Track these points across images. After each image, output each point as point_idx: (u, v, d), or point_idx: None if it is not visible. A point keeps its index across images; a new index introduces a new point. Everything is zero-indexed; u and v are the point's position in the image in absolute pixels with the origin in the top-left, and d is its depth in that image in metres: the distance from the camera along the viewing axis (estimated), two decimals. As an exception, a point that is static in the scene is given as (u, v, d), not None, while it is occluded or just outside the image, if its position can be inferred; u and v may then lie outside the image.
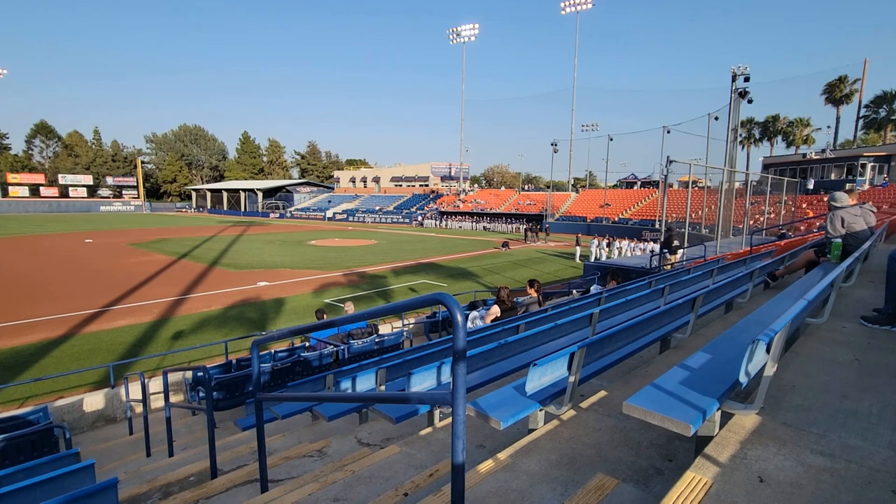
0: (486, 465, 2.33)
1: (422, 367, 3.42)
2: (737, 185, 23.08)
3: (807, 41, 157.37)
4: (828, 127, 49.44)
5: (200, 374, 6.37)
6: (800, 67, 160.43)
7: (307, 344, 8.73)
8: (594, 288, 9.17)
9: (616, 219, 43.65)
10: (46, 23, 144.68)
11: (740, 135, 37.20)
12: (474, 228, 51.41)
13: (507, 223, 49.74)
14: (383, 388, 3.97)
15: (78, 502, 2.15)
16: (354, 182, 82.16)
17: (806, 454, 1.92)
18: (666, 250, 13.01)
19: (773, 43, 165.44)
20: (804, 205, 31.57)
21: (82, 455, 3.35)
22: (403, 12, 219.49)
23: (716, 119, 27.05)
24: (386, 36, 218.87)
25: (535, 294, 7.78)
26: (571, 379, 2.69)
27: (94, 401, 7.75)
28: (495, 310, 7.35)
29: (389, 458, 2.94)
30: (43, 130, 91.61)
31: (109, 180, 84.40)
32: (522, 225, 44.42)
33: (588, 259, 24.26)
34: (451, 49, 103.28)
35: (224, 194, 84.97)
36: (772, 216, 24.41)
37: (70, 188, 78.95)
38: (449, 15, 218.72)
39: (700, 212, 24.72)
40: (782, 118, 54.06)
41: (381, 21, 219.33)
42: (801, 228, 21.33)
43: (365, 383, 4.05)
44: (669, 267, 12.45)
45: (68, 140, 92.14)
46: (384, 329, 10.20)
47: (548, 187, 55.96)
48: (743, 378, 1.98)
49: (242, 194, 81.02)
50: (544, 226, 41.87)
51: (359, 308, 11.52)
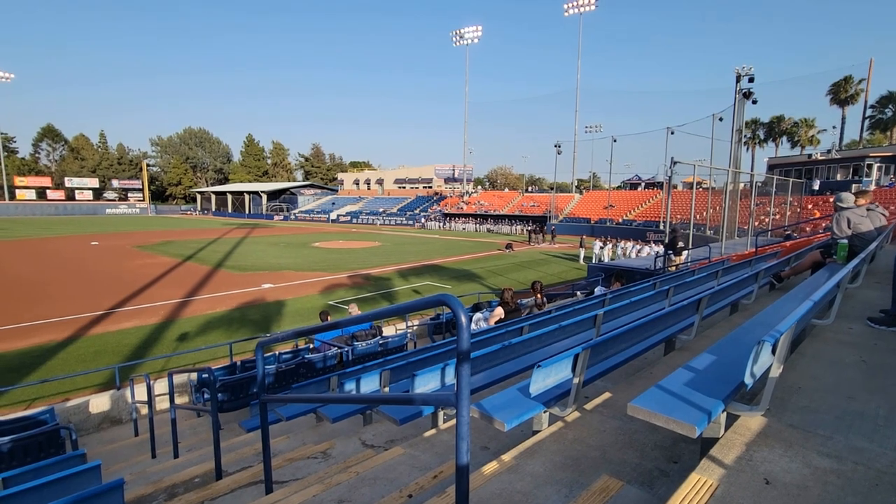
0: (491, 467, 2.33)
1: (426, 369, 3.43)
2: (742, 186, 22.97)
3: (811, 41, 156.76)
4: (833, 127, 49.22)
5: (205, 376, 6.41)
6: (804, 68, 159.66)
7: (311, 346, 8.75)
8: (598, 289, 9.14)
9: (620, 220, 43.52)
10: (53, 26, 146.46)
11: (745, 135, 37.05)
12: (478, 230, 51.38)
13: (511, 225, 49.67)
14: (387, 390, 3.97)
15: (85, 503, 2.17)
16: (358, 184, 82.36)
17: (812, 456, 1.91)
18: (671, 252, 12.97)
19: (778, 43, 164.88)
20: (810, 205, 31.38)
21: (88, 456, 3.37)
22: (406, 15, 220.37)
23: (720, 120, 26.92)
24: (389, 38, 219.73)
25: (539, 296, 7.78)
26: (576, 380, 2.68)
27: (100, 402, 7.80)
28: (499, 311, 7.36)
29: (394, 460, 2.94)
30: (49, 134, 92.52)
31: (115, 183, 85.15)
32: (527, 227, 44.35)
33: (591, 260, 24.20)
34: (455, 51, 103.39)
35: (228, 197, 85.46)
36: (777, 217, 24.26)
37: (76, 191, 79.66)
38: (452, 17, 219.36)
39: (705, 213, 24.64)
40: (787, 119, 53.83)
41: (384, 23, 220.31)
42: (807, 229, 21.20)
43: (369, 385, 4.06)
44: (674, 268, 12.41)
45: (74, 143, 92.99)
46: (388, 331, 10.20)
47: (551, 189, 55.81)
48: (748, 379, 1.97)
49: (247, 197, 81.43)
50: (550, 227, 41.73)
51: (363, 310, 11.54)
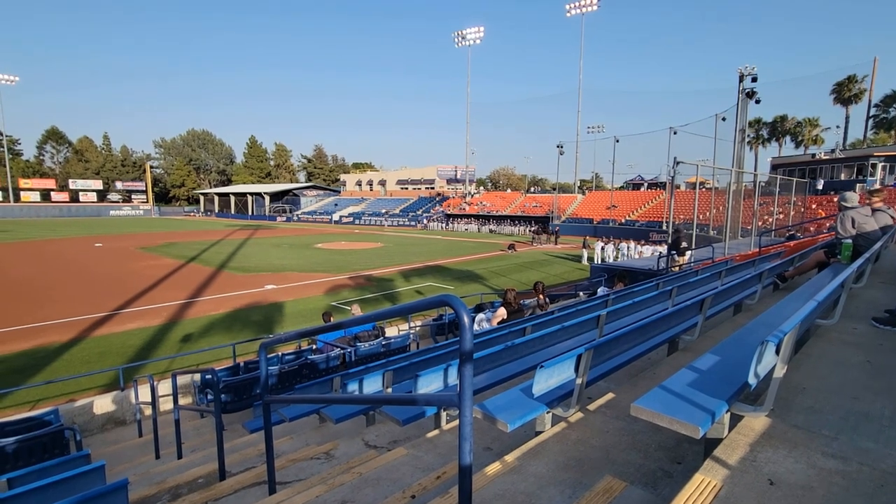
0: (494, 468, 2.33)
1: (428, 370, 3.43)
2: (745, 186, 22.88)
3: (815, 40, 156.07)
4: (837, 127, 49.00)
5: (209, 377, 6.42)
6: (808, 67, 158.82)
7: (314, 346, 8.76)
8: (601, 290, 9.12)
9: (623, 220, 43.42)
10: (57, 28, 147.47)
11: (748, 135, 36.92)
12: (480, 231, 51.37)
13: (514, 225, 49.64)
14: (390, 391, 3.97)
15: (89, 503, 2.17)
16: (360, 185, 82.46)
17: (817, 457, 1.90)
18: (674, 252, 12.94)
19: (781, 43, 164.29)
20: (814, 205, 31.25)
21: (93, 457, 3.38)
22: (408, 16, 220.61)
23: (723, 120, 26.85)
24: (391, 39, 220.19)
25: (542, 297, 7.77)
26: (579, 381, 2.68)
27: (104, 403, 7.83)
28: (502, 312, 7.35)
29: (397, 461, 2.94)
30: (54, 136, 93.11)
31: (119, 185, 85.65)
32: (531, 228, 44.30)
33: (594, 261, 24.15)
34: (457, 52, 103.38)
35: (231, 198, 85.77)
36: (781, 217, 24.18)
37: (80, 193, 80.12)
38: (454, 18, 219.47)
39: (708, 213, 24.56)
40: (790, 118, 53.65)
41: (386, 24, 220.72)
42: (811, 229, 21.11)
43: (372, 385, 4.06)
44: (677, 268, 12.38)
45: (79, 145, 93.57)
46: (391, 331, 10.20)
47: (554, 189, 55.72)
48: (752, 380, 1.96)
49: (250, 198, 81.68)
50: (554, 228, 41.64)
51: (365, 310, 11.55)
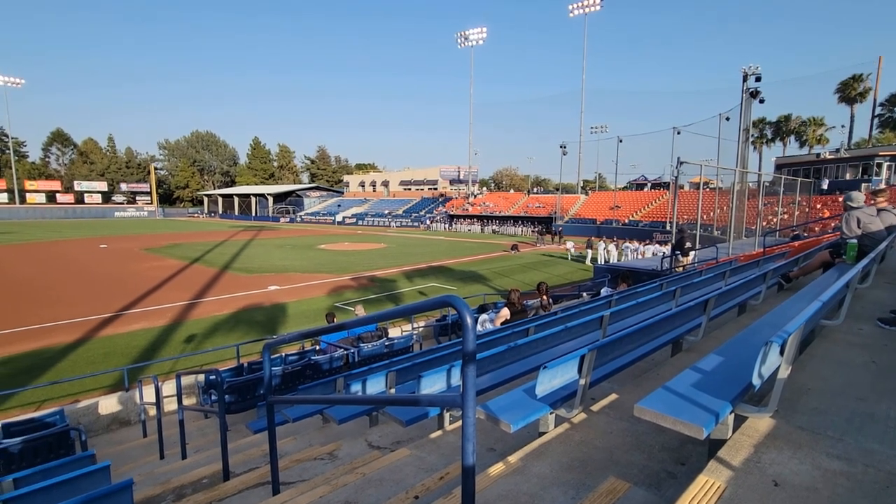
0: (497, 469, 2.33)
1: (432, 370, 3.43)
2: (749, 186, 22.78)
3: (819, 40, 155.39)
4: (842, 126, 48.65)
5: (213, 378, 6.45)
6: (812, 67, 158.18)
7: (318, 347, 8.78)
8: (604, 290, 9.10)
9: (626, 221, 43.30)
10: (62, 31, 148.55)
11: (752, 135, 36.74)
12: (483, 231, 51.34)
13: (517, 226, 49.59)
14: (393, 391, 3.97)
15: (94, 503, 2.19)
16: (364, 186, 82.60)
17: (822, 458, 1.89)
18: (678, 252, 12.90)
19: (785, 42, 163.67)
20: (819, 205, 31.05)
21: (98, 457, 3.41)
22: (411, 17, 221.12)
23: (727, 119, 26.72)
24: (393, 40, 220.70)
25: (545, 297, 7.76)
26: (582, 382, 2.67)
27: (109, 404, 7.88)
28: (505, 312, 7.34)
29: (400, 461, 2.94)
30: (59, 138, 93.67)
31: (123, 186, 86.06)
32: (534, 228, 44.24)
33: (596, 262, 24.10)
34: (460, 53, 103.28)
35: (235, 199, 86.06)
36: (785, 217, 24.04)
37: (85, 194, 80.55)
38: (456, 19, 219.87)
39: (712, 213, 24.44)
40: (795, 118, 53.32)
41: (389, 26, 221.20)
42: (816, 229, 20.98)
43: (375, 386, 4.06)
44: (681, 269, 12.33)
45: (83, 147, 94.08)
46: (394, 332, 10.21)
47: (557, 190, 55.64)
48: (756, 380, 1.95)
49: (253, 199, 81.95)
50: (557, 229, 41.53)
51: (369, 311, 11.56)
